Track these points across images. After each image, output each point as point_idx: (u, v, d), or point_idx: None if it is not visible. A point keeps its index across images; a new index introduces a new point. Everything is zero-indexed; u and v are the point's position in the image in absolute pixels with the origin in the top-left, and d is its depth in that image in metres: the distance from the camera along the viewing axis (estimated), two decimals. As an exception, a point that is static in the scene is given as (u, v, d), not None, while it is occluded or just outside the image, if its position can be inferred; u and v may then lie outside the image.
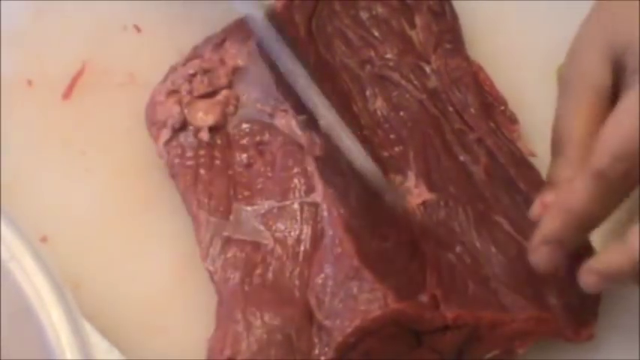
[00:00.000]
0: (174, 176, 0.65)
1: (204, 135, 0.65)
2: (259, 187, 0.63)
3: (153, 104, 0.67)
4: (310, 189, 0.62)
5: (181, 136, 0.65)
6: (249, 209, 0.62)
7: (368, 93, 0.67)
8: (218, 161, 0.64)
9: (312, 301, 0.58)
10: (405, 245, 0.60)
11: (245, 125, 0.65)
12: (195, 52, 0.68)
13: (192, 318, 0.62)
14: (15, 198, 0.65)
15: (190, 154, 0.65)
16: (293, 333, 0.58)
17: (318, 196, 0.61)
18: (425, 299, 0.58)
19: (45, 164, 0.68)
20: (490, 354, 0.59)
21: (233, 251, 0.61)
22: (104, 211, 0.66)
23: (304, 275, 0.59)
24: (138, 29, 0.72)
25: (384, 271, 0.58)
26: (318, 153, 0.63)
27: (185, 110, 0.66)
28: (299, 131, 0.63)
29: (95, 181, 0.67)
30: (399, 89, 0.67)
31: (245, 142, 0.65)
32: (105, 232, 0.65)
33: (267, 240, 0.61)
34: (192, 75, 0.67)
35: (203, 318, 0.61)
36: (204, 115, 0.65)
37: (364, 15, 0.70)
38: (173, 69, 0.68)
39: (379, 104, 0.67)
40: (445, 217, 0.63)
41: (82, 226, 0.65)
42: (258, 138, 0.64)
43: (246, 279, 0.60)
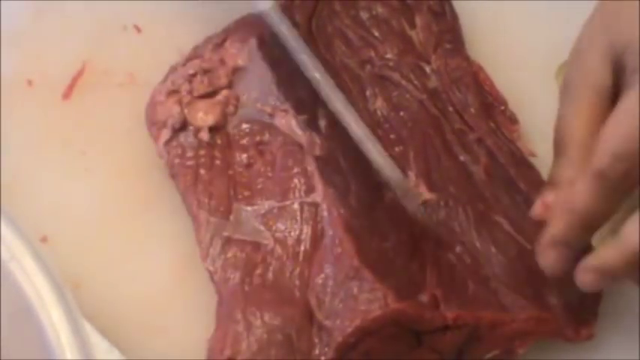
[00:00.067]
0: (174, 176, 0.65)
1: (204, 135, 0.65)
2: (259, 187, 0.63)
3: (153, 104, 0.67)
4: (310, 189, 0.62)
5: (181, 136, 0.65)
6: (249, 209, 0.62)
7: (368, 93, 0.67)
8: (218, 161, 0.64)
9: (313, 301, 0.58)
10: (405, 245, 0.60)
11: (245, 125, 0.65)
12: (196, 52, 0.68)
13: (192, 318, 0.62)
14: (15, 198, 0.65)
15: (190, 154, 0.65)
16: (293, 333, 0.58)
17: (318, 196, 0.61)
18: (425, 299, 0.58)
19: (45, 164, 0.68)
20: (490, 354, 0.59)
21: (233, 251, 0.61)
22: (104, 211, 0.66)
23: (304, 275, 0.59)
24: (138, 29, 0.72)
25: (384, 271, 0.58)
26: (318, 153, 0.63)
27: (185, 110, 0.66)
28: (299, 131, 0.63)
29: (95, 181, 0.67)
30: (399, 89, 0.67)
31: (245, 142, 0.65)
32: (105, 232, 0.65)
33: (267, 240, 0.61)
34: (193, 75, 0.67)
35: (203, 318, 0.61)
36: (204, 115, 0.65)
37: (364, 15, 0.70)
38: (173, 69, 0.68)
39: (379, 104, 0.67)
40: (445, 217, 0.63)
41: (82, 226, 0.65)
42: (258, 138, 0.64)
43: (247, 279, 0.60)
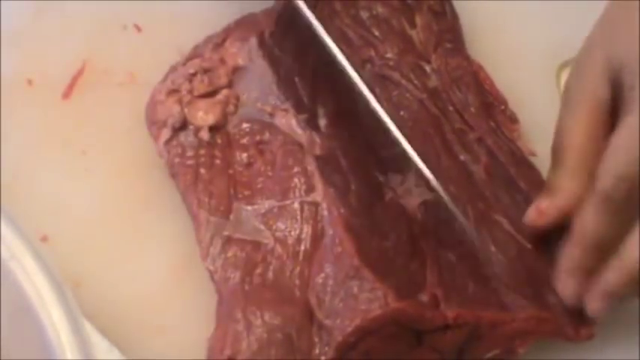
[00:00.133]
0: (174, 176, 0.65)
1: (204, 134, 0.65)
2: (259, 186, 0.63)
3: (153, 104, 0.67)
4: (310, 188, 0.62)
5: (181, 136, 0.65)
6: (249, 208, 0.62)
7: (368, 92, 0.67)
8: (218, 160, 0.64)
9: (313, 301, 0.58)
10: (406, 244, 0.60)
11: (245, 124, 0.65)
12: (196, 52, 0.68)
13: (192, 317, 0.62)
14: (15, 198, 0.65)
15: (190, 153, 0.65)
16: (293, 332, 0.58)
17: (318, 196, 0.61)
18: (425, 298, 0.58)
19: (45, 164, 0.68)
20: (490, 353, 0.59)
21: (233, 251, 0.61)
22: (104, 211, 0.66)
23: (304, 274, 0.59)
24: (138, 29, 0.72)
25: (384, 271, 0.58)
26: (318, 152, 0.63)
27: (185, 110, 0.66)
28: (299, 130, 0.63)
29: (95, 181, 0.67)
30: (399, 89, 0.67)
31: (245, 141, 0.65)
32: (105, 231, 0.65)
33: (267, 239, 0.61)
34: (193, 74, 0.66)
35: (203, 317, 0.61)
36: (204, 115, 0.65)
37: (364, 14, 0.70)
38: (173, 68, 0.68)
39: (381, 103, 0.67)
40: (445, 216, 0.63)
41: (83, 226, 0.65)
42: (258, 137, 0.64)
43: (247, 278, 0.60)
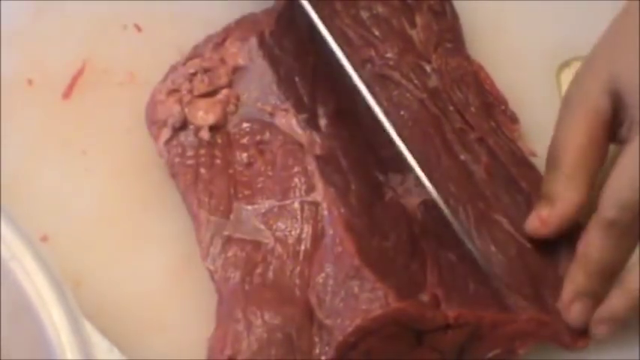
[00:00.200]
0: (174, 175, 0.65)
1: (204, 134, 0.65)
2: (260, 186, 0.63)
3: (153, 103, 0.67)
4: (311, 188, 0.62)
5: (182, 136, 0.65)
6: (249, 208, 0.62)
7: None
8: (218, 160, 0.64)
9: (313, 300, 0.58)
10: (406, 244, 0.60)
11: (245, 124, 0.65)
12: (196, 52, 0.68)
13: (192, 317, 0.62)
14: (15, 197, 0.65)
15: (191, 153, 0.65)
16: (293, 332, 0.57)
17: (318, 195, 0.61)
18: (426, 298, 0.58)
19: (45, 164, 0.68)
20: (491, 353, 0.59)
21: (233, 250, 0.61)
22: (104, 211, 0.66)
23: (305, 274, 0.59)
24: (138, 28, 0.72)
25: (384, 271, 0.58)
26: (318, 152, 0.63)
27: (185, 109, 0.66)
28: (299, 130, 0.63)
29: (95, 181, 0.67)
30: (399, 88, 0.67)
31: (245, 141, 0.64)
32: (105, 231, 0.65)
33: (267, 239, 0.61)
34: (193, 74, 0.66)
35: (203, 317, 0.61)
36: (204, 114, 0.65)
37: (365, 14, 0.70)
38: (173, 68, 0.68)
39: (380, 103, 0.66)
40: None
41: (83, 225, 0.65)
42: (258, 137, 0.64)
43: (247, 278, 0.60)
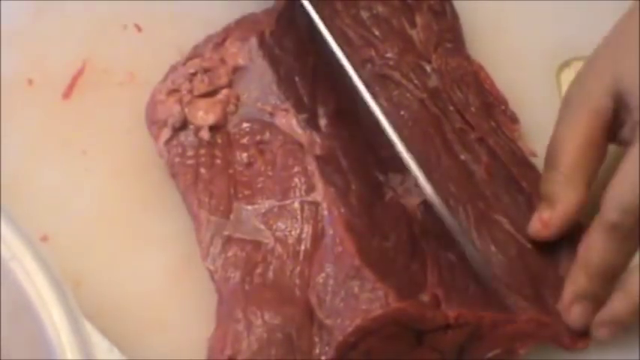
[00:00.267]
0: (174, 175, 0.65)
1: (204, 134, 0.65)
2: (260, 186, 0.63)
3: (153, 103, 0.67)
4: (311, 188, 0.62)
5: (182, 135, 0.65)
6: (249, 208, 0.62)
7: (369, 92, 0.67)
8: (218, 160, 0.64)
9: (313, 300, 0.58)
10: (406, 244, 0.60)
11: (245, 124, 0.65)
12: (196, 51, 0.68)
13: (192, 317, 0.62)
14: (15, 197, 0.64)
15: (191, 153, 0.64)
16: (294, 332, 0.57)
17: (318, 195, 0.61)
18: (426, 298, 0.58)
19: (45, 164, 0.68)
20: (491, 353, 0.59)
21: (233, 250, 0.61)
22: (104, 211, 0.66)
23: (305, 274, 0.59)
24: (138, 28, 0.72)
25: (384, 271, 0.58)
26: (318, 152, 0.63)
27: (185, 109, 0.66)
28: (299, 130, 0.63)
29: (95, 181, 0.67)
30: (399, 88, 0.67)
31: (245, 141, 0.64)
32: (105, 231, 0.65)
33: (267, 239, 0.61)
34: (193, 74, 0.66)
35: (203, 317, 0.61)
36: (204, 114, 0.65)
37: (365, 14, 0.70)
38: (173, 68, 0.68)
39: (380, 103, 0.67)
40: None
41: (83, 225, 0.65)
42: (258, 137, 0.64)
43: (247, 278, 0.60)
